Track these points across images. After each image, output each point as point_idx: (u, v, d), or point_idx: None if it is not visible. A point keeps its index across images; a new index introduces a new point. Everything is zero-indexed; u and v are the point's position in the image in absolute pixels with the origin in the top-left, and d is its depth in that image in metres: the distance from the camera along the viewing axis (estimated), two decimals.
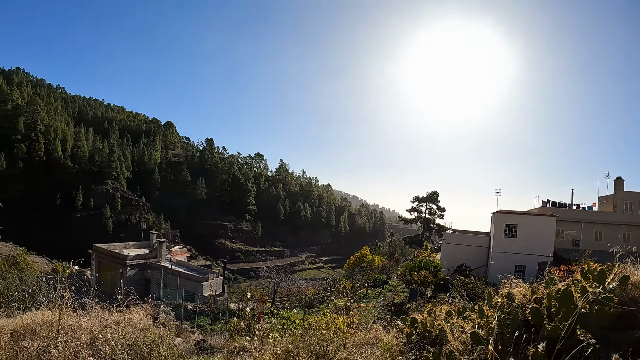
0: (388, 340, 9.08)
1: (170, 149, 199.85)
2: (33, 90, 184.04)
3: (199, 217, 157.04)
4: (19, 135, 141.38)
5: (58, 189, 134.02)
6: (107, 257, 58.08)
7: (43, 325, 10.83)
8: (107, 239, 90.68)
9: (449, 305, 8.61)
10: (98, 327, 9.76)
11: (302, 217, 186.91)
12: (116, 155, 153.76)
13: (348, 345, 8.69)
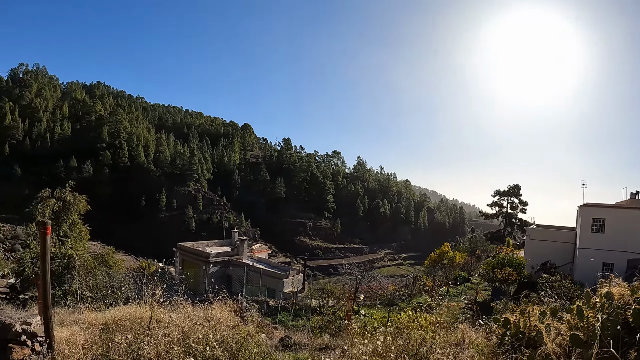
0: (478, 341, 8.68)
1: (249, 150, 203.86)
2: (114, 102, 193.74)
3: (278, 215, 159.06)
4: (104, 143, 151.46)
5: (142, 192, 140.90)
6: (190, 254, 59.38)
7: (134, 321, 11.03)
8: (189, 237, 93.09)
9: (539, 306, 8.13)
10: (188, 324, 9.76)
11: (380, 213, 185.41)
12: (197, 158, 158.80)
13: (439, 346, 8.28)
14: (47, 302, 7.82)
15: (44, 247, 7.70)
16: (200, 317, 10.36)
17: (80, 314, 16.18)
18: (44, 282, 7.77)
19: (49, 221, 7.81)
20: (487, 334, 8.38)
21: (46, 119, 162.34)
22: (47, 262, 7.74)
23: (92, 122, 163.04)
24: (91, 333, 10.28)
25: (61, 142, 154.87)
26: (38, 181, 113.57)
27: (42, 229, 7.63)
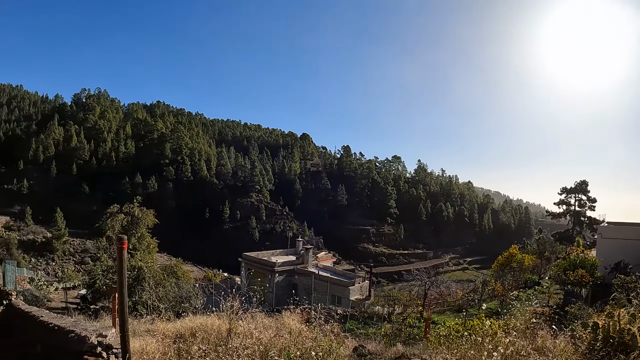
0: (562, 347, 7.83)
1: (309, 159, 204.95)
2: (175, 119, 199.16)
3: (341, 222, 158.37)
4: (167, 159, 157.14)
5: (206, 204, 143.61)
6: (256, 264, 59.40)
7: (209, 331, 10.64)
8: (253, 247, 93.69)
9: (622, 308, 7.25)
10: (268, 335, 9.40)
11: (444, 217, 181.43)
12: (258, 170, 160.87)
13: (522, 353, 7.47)
14: (124, 316, 7.53)
15: (121, 261, 7.44)
16: (278, 327, 9.98)
17: (152, 324, 16.01)
18: (121, 296, 7.53)
19: (124, 236, 7.39)
20: (573, 340, 7.51)
21: (110, 139, 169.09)
22: (124, 276, 7.51)
23: (155, 140, 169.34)
24: (165, 344, 9.97)
25: (126, 160, 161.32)
26: (105, 198, 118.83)
27: (119, 244, 7.36)
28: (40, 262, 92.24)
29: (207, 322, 13.32)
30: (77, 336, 8.54)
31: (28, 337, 14.76)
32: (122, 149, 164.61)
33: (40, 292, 42.05)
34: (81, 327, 9.78)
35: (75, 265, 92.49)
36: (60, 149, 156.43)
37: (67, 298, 43.40)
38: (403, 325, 26.83)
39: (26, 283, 46.79)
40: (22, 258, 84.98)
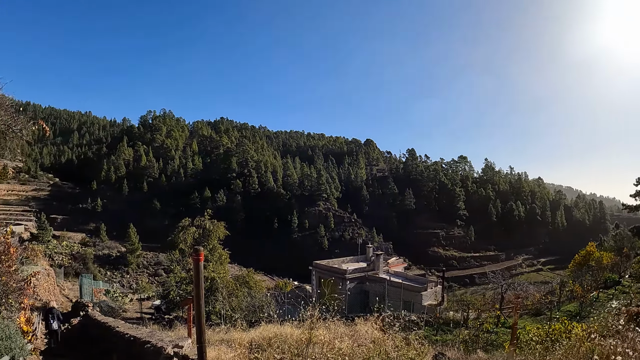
0: None
1: (374, 165, 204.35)
2: (239, 134, 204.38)
3: (410, 227, 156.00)
4: (234, 173, 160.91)
5: (274, 214, 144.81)
6: (326, 272, 58.72)
7: (287, 341, 10.23)
8: (323, 256, 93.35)
9: None
10: (349, 344, 8.67)
11: (515, 216, 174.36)
12: (324, 178, 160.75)
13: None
14: (201, 327, 7.47)
15: (197, 272, 7.49)
16: (356, 336, 9.26)
17: (226, 334, 15.52)
18: (198, 307, 7.48)
19: (200, 247, 7.55)
20: None
21: (178, 157, 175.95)
22: (201, 287, 7.52)
23: (221, 155, 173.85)
24: (241, 354, 9.46)
25: (194, 175, 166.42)
26: (176, 213, 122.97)
27: (195, 255, 7.44)
28: (116, 275, 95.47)
29: (282, 331, 12.79)
30: (153, 347, 8.27)
31: (105, 347, 14.51)
32: (190, 165, 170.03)
33: (116, 303, 42.79)
34: (157, 338, 9.31)
35: (149, 278, 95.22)
36: (131, 169, 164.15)
37: (142, 309, 44.07)
38: (480, 331, 25.51)
39: (102, 295, 47.92)
40: (98, 272, 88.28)
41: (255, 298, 34.63)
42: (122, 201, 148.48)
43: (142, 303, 47.47)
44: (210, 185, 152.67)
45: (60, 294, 41.58)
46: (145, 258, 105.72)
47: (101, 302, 38.50)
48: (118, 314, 35.14)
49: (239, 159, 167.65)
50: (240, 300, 32.88)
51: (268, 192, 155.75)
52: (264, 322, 17.07)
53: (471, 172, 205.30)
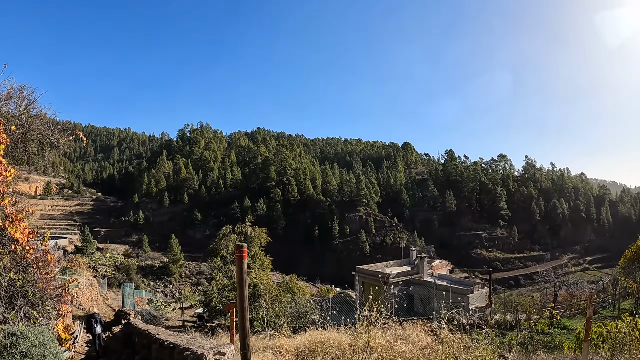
0: None
1: (413, 168, 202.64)
2: (276, 143, 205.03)
3: (452, 229, 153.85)
4: (273, 181, 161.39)
5: (315, 221, 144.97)
6: (370, 276, 57.97)
7: (343, 348, 9.98)
8: (365, 261, 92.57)
9: None
10: (412, 349, 7.93)
11: (559, 214, 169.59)
12: (363, 183, 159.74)
13: None
14: (245, 332, 6.78)
15: (241, 271, 6.73)
16: (414, 341, 8.53)
17: (270, 340, 14.94)
18: (242, 310, 6.78)
19: (244, 244, 6.71)
20: None
21: (217, 168, 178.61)
22: (245, 287, 6.81)
23: (259, 164, 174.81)
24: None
25: (233, 186, 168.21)
26: (217, 223, 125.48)
27: (238, 252, 6.70)
28: (159, 284, 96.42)
29: (329, 336, 12.24)
30: (193, 354, 7.84)
31: (145, 354, 14.07)
32: (229, 175, 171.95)
33: (158, 312, 42.82)
34: (197, 345, 8.72)
35: (191, 287, 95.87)
36: (171, 181, 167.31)
37: (184, 317, 44.03)
38: (534, 333, 24.37)
39: (145, 304, 48.13)
40: (141, 282, 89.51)
41: (299, 304, 34.12)
42: (163, 213, 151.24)
43: (185, 311, 47.48)
44: (249, 194, 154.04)
45: (103, 303, 41.89)
46: (187, 268, 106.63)
47: (143, 311, 38.59)
48: (160, 322, 35.07)
49: (277, 167, 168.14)
50: (283, 306, 32.37)
51: (308, 199, 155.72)
52: (308, 328, 16.43)
53: (511, 171, 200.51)
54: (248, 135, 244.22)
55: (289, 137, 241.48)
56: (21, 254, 10.30)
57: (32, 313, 10.71)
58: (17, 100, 11.45)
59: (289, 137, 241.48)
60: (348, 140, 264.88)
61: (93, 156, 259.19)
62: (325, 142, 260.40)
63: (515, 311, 34.69)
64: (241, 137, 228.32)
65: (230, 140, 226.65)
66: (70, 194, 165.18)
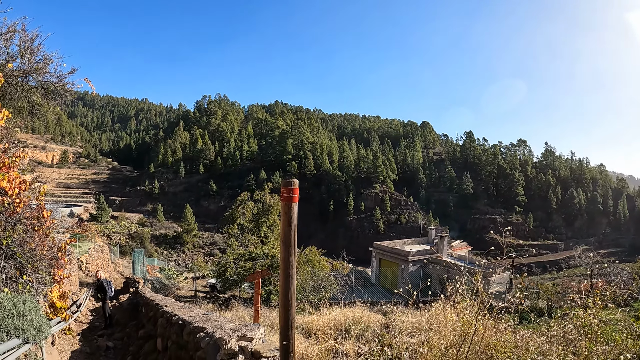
0: None
1: (431, 148, 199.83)
2: (294, 116, 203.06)
3: (467, 212, 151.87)
4: (289, 155, 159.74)
5: (330, 197, 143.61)
6: (387, 254, 56.83)
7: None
8: (379, 238, 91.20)
9: None
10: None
11: (575, 204, 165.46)
12: (380, 161, 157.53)
13: None
14: (289, 312, 4.60)
15: (289, 220, 4.62)
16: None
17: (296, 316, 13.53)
18: (286, 279, 4.63)
19: (295, 180, 4.55)
20: None
21: (234, 139, 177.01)
22: (293, 246, 4.67)
23: (276, 137, 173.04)
24: (326, 346, 7.53)
25: (249, 158, 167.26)
26: (232, 194, 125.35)
27: (286, 192, 4.54)
28: (172, 254, 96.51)
29: (356, 314, 10.97)
30: (209, 337, 6.11)
31: (151, 329, 12.51)
32: (246, 147, 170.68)
33: (170, 281, 41.78)
34: (214, 324, 6.95)
35: (204, 257, 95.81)
36: (187, 152, 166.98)
37: (196, 287, 42.91)
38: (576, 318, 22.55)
39: (156, 272, 47.16)
40: (154, 250, 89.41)
41: (320, 278, 32.74)
42: (178, 183, 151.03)
43: (197, 281, 46.37)
44: (265, 167, 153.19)
45: (114, 270, 41.00)
46: (200, 238, 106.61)
47: (154, 279, 37.57)
48: (171, 291, 33.99)
49: (294, 141, 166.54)
50: (303, 280, 30.90)
51: (324, 174, 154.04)
52: (331, 304, 15.00)
53: (530, 157, 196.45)
54: (266, 108, 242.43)
55: (306, 111, 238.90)
56: (9, 207, 8.83)
57: (20, 278, 9.28)
58: (18, 40, 10.23)
59: (306, 111, 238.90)
60: (366, 117, 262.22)
61: (110, 126, 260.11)
62: (343, 118, 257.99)
63: (537, 296, 33.32)
64: (259, 110, 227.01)
65: (247, 113, 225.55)
66: (86, 163, 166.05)
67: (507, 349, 5.67)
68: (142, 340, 12.25)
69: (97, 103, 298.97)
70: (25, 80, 10.78)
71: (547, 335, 6.15)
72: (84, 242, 36.96)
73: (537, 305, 32.25)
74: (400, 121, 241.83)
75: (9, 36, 9.90)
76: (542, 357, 5.30)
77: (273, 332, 10.77)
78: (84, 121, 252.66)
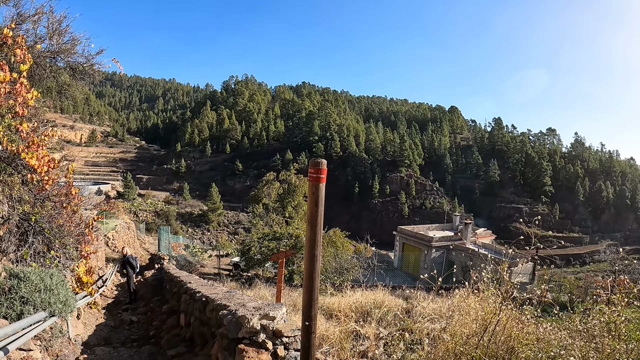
0: None
1: (458, 133, 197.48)
2: (321, 98, 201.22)
3: (493, 200, 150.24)
4: (316, 136, 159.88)
5: (355, 179, 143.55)
6: (411, 238, 56.72)
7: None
8: (402, 223, 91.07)
9: None
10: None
11: (603, 197, 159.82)
12: (407, 144, 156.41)
13: None
14: (312, 293, 4.62)
15: (316, 201, 4.52)
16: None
17: None
18: (311, 260, 4.61)
19: (323, 160, 4.49)
20: None
21: (260, 120, 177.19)
22: (319, 226, 4.57)
23: (303, 118, 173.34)
24: (347, 328, 7.77)
25: (276, 138, 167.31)
26: (257, 174, 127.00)
27: (314, 172, 4.47)
28: (197, 232, 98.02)
29: (377, 297, 11.00)
30: (231, 315, 6.22)
31: (174, 304, 12.77)
32: (272, 128, 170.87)
33: (194, 258, 42.31)
34: (237, 302, 7.08)
35: (228, 235, 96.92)
36: (214, 132, 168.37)
37: (220, 265, 43.34)
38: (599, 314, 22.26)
39: (181, 249, 47.82)
40: (180, 228, 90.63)
41: (343, 260, 32.85)
42: (205, 162, 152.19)
43: (221, 259, 46.83)
44: (292, 147, 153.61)
45: (140, 247, 41.65)
46: (225, 217, 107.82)
47: (179, 256, 38.06)
48: (195, 268, 34.37)
49: (321, 122, 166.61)
50: (326, 261, 31.06)
51: (350, 156, 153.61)
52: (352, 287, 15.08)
53: (559, 147, 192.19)
54: (293, 89, 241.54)
55: (334, 93, 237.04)
56: (38, 185, 9.05)
57: (48, 253, 9.54)
58: (46, 21, 10.41)
59: (334, 93, 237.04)
60: (394, 100, 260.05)
61: (138, 106, 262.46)
62: (370, 100, 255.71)
63: (560, 289, 33.01)
64: (286, 91, 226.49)
65: (274, 93, 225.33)
66: (114, 142, 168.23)
67: (529, 341, 5.65)
68: (165, 315, 12.50)
69: (125, 83, 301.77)
70: (54, 61, 11.00)
71: (569, 329, 6.11)
72: (111, 219, 37.60)
73: (558, 299, 32.04)
74: (428, 105, 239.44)
75: (37, 18, 10.05)
76: (565, 352, 5.28)
77: (295, 312, 10.89)
78: (112, 101, 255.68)
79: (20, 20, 9.85)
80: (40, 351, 6.94)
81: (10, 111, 7.67)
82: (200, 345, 8.34)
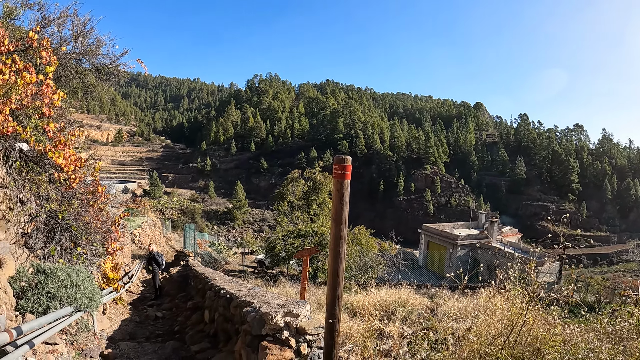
0: None
1: (484, 130, 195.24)
2: (345, 95, 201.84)
3: (518, 197, 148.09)
4: (340, 134, 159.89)
5: (380, 176, 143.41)
6: (436, 236, 56.43)
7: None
8: (428, 221, 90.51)
9: None
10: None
11: (631, 195, 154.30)
12: (432, 141, 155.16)
13: None
14: (336, 291, 4.55)
15: (341, 198, 4.48)
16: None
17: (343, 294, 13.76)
18: (335, 257, 4.53)
19: (348, 157, 4.49)
20: None
21: (285, 118, 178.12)
22: (344, 222, 4.51)
23: (327, 116, 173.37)
24: (371, 327, 7.68)
25: (300, 136, 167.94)
26: (282, 172, 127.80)
27: (339, 169, 4.46)
28: (222, 229, 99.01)
29: (401, 296, 10.95)
30: (255, 312, 6.23)
31: (199, 300, 12.93)
32: (297, 126, 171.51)
33: (219, 255, 42.63)
34: (261, 298, 7.16)
35: (253, 233, 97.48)
36: (239, 130, 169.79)
37: (245, 262, 43.60)
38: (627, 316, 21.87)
39: (206, 246, 48.23)
40: (205, 226, 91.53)
41: (367, 257, 32.85)
42: (230, 160, 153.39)
43: (246, 257, 47.10)
44: (316, 145, 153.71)
45: (166, 244, 42.12)
46: (250, 214, 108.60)
47: (204, 253, 38.39)
48: (220, 265, 34.68)
49: (345, 120, 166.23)
50: (351, 259, 31.08)
51: (374, 153, 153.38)
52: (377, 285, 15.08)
53: (587, 143, 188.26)
54: (317, 86, 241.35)
55: (358, 90, 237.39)
56: (65, 183, 9.25)
57: (75, 249, 9.75)
58: (71, 24, 10.65)
59: (358, 90, 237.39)
60: (418, 97, 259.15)
61: (163, 105, 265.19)
62: (394, 97, 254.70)
63: (587, 290, 32.56)
64: (310, 89, 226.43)
65: (298, 92, 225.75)
66: (140, 141, 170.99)
67: (555, 343, 5.60)
68: (190, 312, 12.67)
69: (150, 83, 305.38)
70: (79, 62, 11.23)
71: (596, 331, 6.04)
72: (137, 216, 38.01)
73: (585, 299, 31.57)
74: (453, 101, 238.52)
75: (61, 21, 10.25)
76: (592, 355, 5.23)
77: (318, 310, 10.93)
78: (138, 101, 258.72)
79: (45, 23, 10.05)
80: (66, 345, 7.10)
81: (37, 112, 7.86)
82: (224, 341, 8.45)
